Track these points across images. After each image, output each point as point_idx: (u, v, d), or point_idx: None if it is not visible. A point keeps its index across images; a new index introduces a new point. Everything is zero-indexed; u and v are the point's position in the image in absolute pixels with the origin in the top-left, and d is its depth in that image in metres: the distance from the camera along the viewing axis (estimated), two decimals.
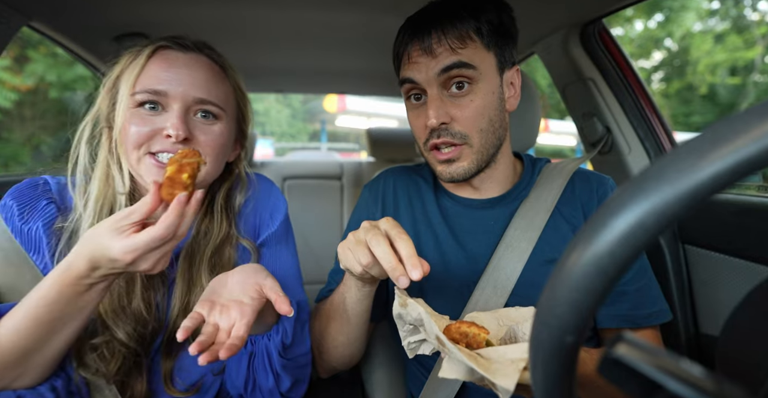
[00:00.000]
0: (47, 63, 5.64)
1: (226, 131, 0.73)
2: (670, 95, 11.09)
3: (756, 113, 0.21)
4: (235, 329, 0.58)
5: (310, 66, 1.79)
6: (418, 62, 0.74)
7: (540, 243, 0.77)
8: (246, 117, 0.82)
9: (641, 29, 11.77)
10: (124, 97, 0.67)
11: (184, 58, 0.70)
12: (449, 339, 0.52)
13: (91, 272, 0.55)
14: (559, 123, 11.11)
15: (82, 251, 0.55)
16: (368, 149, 2.43)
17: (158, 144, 0.67)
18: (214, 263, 0.77)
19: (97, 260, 0.54)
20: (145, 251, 0.53)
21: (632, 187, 0.23)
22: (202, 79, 0.69)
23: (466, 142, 0.75)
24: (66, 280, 0.55)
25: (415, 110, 0.80)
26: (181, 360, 0.76)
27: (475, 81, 0.73)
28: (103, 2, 1.10)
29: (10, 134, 5.89)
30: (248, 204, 0.85)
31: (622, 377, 0.24)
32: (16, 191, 0.70)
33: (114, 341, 0.68)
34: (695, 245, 1.08)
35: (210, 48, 0.75)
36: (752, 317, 0.38)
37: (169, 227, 0.53)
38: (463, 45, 0.72)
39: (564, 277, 0.25)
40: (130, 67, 0.69)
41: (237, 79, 0.78)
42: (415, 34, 0.74)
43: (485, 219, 0.84)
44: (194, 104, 0.69)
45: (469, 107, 0.74)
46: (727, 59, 10.18)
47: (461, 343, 0.53)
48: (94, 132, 0.72)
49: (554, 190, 0.81)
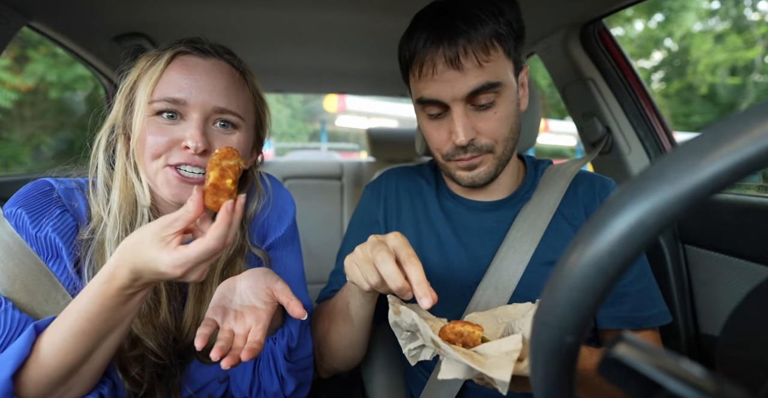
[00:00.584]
0: (47, 63, 5.64)
1: (244, 141, 0.70)
2: (670, 95, 11.09)
3: (756, 113, 0.21)
4: (252, 334, 0.58)
5: (310, 66, 1.79)
6: (443, 80, 0.70)
7: (542, 245, 0.77)
8: (264, 124, 0.80)
9: (641, 29, 11.77)
10: (141, 105, 0.65)
11: (204, 65, 0.67)
12: (445, 340, 0.52)
13: (134, 282, 0.54)
14: (559, 123, 11.11)
15: (124, 262, 0.53)
16: (368, 149, 2.43)
17: (176, 156, 0.65)
18: (225, 275, 0.75)
19: (140, 270, 0.52)
20: (195, 264, 0.52)
21: (632, 187, 0.23)
22: (222, 87, 0.66)
23: (490, 151, 0.76)
24: (108, 292, 0.53)
25: (433, 122, 0.77)
26: (188, 369, 0.75)
27: (499, 94, 0.73)
28: (103, 2, 1.10)
29: (10, 134, 5.89)
30: (262, 212, 0.83)
31: (622, 377, 0.24)
32: (23, 198, 0.65)
33: (147, 353, 0.67)
34: (695, 245, 1.08)
35: (230, 53, 0.72)
36: (752, 317, 0.38)
37: (219, 239, 0.52)
38: (488, 57, 0.69)
39: (564, 277, 0.25)
40: (148, 73, 0.66)
41: (256, 85, 0.76)
42: (439, 40, 0.69)
43: (488, 221, 0.84)
44: (213, 113, 0.66)
45: (492, 119, 0.73)
46: (727, 59, 10.18)
47: (457, 343, 0.53)
48: (109, 139, 0.70)
49: (556, 192, 0.81)
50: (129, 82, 0.68)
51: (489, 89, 0.70)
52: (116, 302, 0.54)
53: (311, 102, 18.59)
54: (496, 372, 0.44)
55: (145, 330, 0.67)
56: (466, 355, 0.48)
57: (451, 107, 0.72)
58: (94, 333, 0.55)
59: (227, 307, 0.64)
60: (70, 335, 0.54)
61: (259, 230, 0.83)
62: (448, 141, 0.75)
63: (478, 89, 0.70)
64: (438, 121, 0.77)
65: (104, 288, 0.53)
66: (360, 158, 2.97)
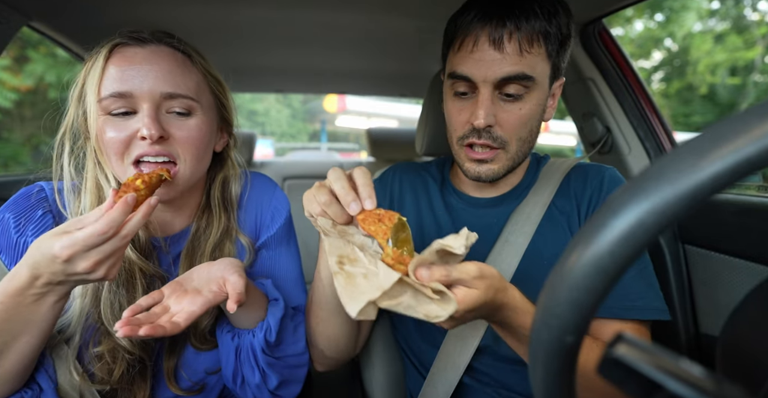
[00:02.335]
0: (47, 63, 5.64)
1: (203, 123, 0.69)
2: (670, 95, 11.09)
3: (756, 113, 0.21)
4: (177, 315, 0.59)
5: (310, 66, 1.79)
6: (481, 58, 0.70)
7: (536, 237, 0.78)
8: (226, 104, 0.78)
9: (641, 29, 11.78)
10: (92, 105, 0.65)
11: (143, 53, 0.65)
12: (366, 228, 0.54)
13: (34, 281, 0.53)
14: (559, 123, 11.11)
15: (26, 259, 0.53)
16: (368, 149, 2.43)
17: (137, 148, 0.65)
18: (215, 258, 0.76)
19: (38, 263, 0.52)
20: (83, 247, 0.51)
21: (632, 187, 0.23)
22: (166, 72, 0.65)
23: (503, 147, 0.75)
24: (8, 290, 0.53)
25: (458, 102, 0.77)
26: (183, 358, 0.76)
27: (529, 91, 0.72)
28: (102, 2, 1.10)
29: (10, 134, 5.89)
30: (245, 194, 0.84)
31: (622, 377, 0.24)
32: (12, 202, 0.68)
33: (118, 348, 0.67)
34: (695, 245, 1.08)
35: (170, 36, 0.70)
36: (752, 317, 0.38)
37: (110, 223, 0.51)
38: (530, 49, 0.69)
39: (564, 277, 0.25)
40: (91, 72, 0.65)
41: (206, 65, 0.73)
42: (489, 19, 0.69)
43: (488, 217, 0.84)
44: (163, 101, 0.65)
45: (516, 114, 0.73)
46: (727, 59, 10.18)
47: (381, 233, 0.54)
48: (76, 144, 0.70)
49: (551, 185, 0.82)
50: (78, 85, 0.68)
51: (522, 80, 0.70)
52: (17, 302, 0.54)
53: (311, 102, 18.59)
54: (349, 304, 0.45)
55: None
56: (348, 277, 0.49)
57: (480, 89, 0.72)
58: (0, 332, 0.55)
59: (183, 285, 0.64)
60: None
61: (251, 226, 0.84)
62: (466, 123, 0.75)
63: (512, 76, 0.69)
64: (462, 101, 0.76)
65: (5, 287, 0.53)
66: (360, 158, 2.97)
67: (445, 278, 0.50)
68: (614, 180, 0.80)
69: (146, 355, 0.71)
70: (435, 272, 0.50)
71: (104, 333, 0.68)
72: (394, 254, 0.51)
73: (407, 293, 0.49)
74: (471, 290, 0.51)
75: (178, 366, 0.75)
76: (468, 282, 0.51)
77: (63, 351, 0.67)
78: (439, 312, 0.48)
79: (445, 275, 0.50)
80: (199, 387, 0.77)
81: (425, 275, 0.50)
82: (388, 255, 0.52)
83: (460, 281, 0.51)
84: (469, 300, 0.51)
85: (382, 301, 0.47)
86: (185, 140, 0.67)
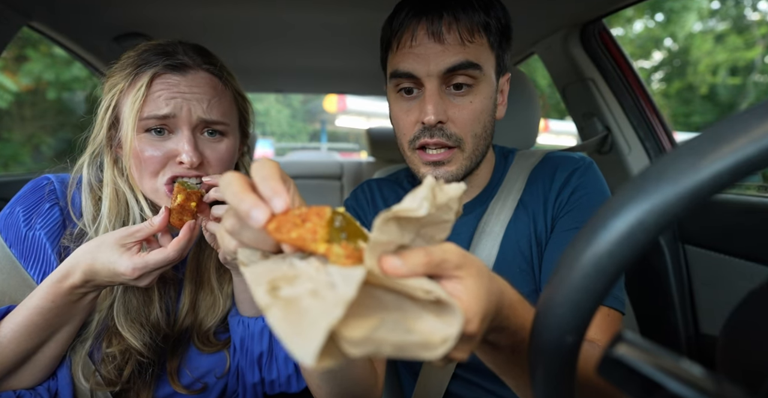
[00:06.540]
0: (44, 63, 5.63)
1: (232, 145, 0.74)
2: (670, 95, 11.09)
3: (756, 113, 0.21)
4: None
5: (310, 66, 1.79)
6: (422, 52, 0.67)
7: (509, 230, 0.76)
8: (247, 119, 0.82)
9: (641, 29, 11.78)
10: (129, 123, 0.66)
11: (185, 82, 0.68)
12: (283, 239, 0.33)
13: (86, 283, 0.59)
14: (559, 123, 11.11)
15: (78, 264, 0.59)
16: (368, 149, 2.43)
17: (173, 169, 0.68)
18: (221, 263, 0.76)
19: (97, 271, 0.58)
20: (152, 270, 0.59)
21: (632, 187, 0.23)
22: (205, 100, 0.69)
23: (458, 146, 0.71)
24: (60, 290, 0.59)
25: (403, 102, 0.73)
26: (186, 357, 0.77)
27: (477, 82, 0.69)
28: (103, 2, 1.10)
29: (10, 134, 5.89)
30: None
31: (622, 377, 0.24)
32: (21, 196, 0.71)
33: (131, 350, 0.69)
34: (695, 245, 1.08)
35: (206, 56, 0.72)
36: (752, 317, 0.38)
37: (179, 251, 0.60)
38: (472, 39, 0.67)
39: (564, 277, 0.25)
40: (130, 94, 0.67)
41: (235, 85, 0.77)
42: (423, 12, 0.67)
43: (464, 224, 0.81)
44: (200, 124, 0.69)
45: (467, 109, 0.69)
46: (728, 59, 10.18)
47: (309, 236, 0.32)
48: (94, 153, 0.72)
49: (519, 180, 0.80)
50: (111, 104, 0.69)
51: (468, 69, 0.67)
52: (68, 300, 0.60)
53: (311, 102, 18.59)
54: (297, 346, 0.26)
55: (131, 329, 0.68)
56: (288, 305, 0.29)
57: (425, 85, 0.68)
58: (46, 326, 0.61)
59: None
60: (23, 326, 0.60)
61: None
62: (416, 123, 0.71)
63: (456, 66, 0.66)
64: (409, 101, 0.72)
65: (57, 286, 0.59)
66: (360, 158, 2.97)
67: (426, 264, 0.31)
68: (586, 174, 0.76)
69: (156, 357, 0.72)
70: (411, 258, 0.31)
71: (115, 334, 0.69)
72: (346, 249, 0.31)
73: (385, 300, 0.31)
74: (466, 281, 0.32)
75: (180, 365, 0.76)
76: (454, 270, 0.32)
77: (78, 348, 0.69)
78: (443, 328, 0.30)
79: (426, 261, 0.31)
80: (201, 385, 0.77)
81: (397, 264, 0.31)
82: (337, 255, 0.31)
83: (444, 268, 0.32)
84: (473, 297, 0.32)
85: (352, 326, 0.28)
86: (217, 162, 0.71)
